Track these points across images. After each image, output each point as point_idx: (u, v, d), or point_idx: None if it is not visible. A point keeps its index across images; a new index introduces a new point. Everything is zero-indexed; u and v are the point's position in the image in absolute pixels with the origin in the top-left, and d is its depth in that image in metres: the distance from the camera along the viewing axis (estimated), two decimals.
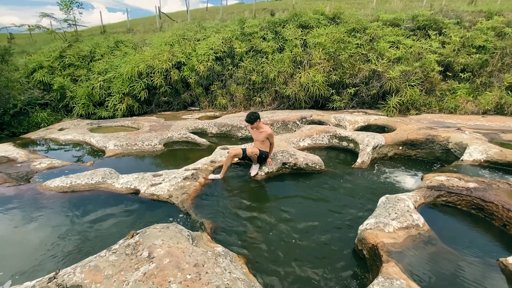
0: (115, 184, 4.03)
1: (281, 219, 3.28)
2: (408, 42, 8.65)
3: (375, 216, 2.80)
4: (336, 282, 2.38)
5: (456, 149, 4.91)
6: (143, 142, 6.13)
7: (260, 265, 2.61)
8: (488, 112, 7.43)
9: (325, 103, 8.71)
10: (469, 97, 7.76)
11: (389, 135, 5.51)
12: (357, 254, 2.66)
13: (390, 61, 8.24)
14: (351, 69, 8.45)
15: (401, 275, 2.05)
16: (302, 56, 8.90)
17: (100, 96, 9.63)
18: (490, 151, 4.31)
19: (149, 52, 10.04)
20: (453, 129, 5.68)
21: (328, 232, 3.05)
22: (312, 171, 4.47)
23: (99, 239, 2.97)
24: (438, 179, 3.56)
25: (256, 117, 4.07)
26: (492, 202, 2.93)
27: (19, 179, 4.48)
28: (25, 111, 9.19)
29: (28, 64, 11.18)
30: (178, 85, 9.79)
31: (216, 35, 10.37)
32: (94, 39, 12.91)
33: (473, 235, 2.81)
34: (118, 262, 2.24)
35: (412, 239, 2.50)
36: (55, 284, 2.08)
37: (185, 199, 3.58)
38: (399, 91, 7.79)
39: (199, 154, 5.60)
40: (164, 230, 2.61)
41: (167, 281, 2.01)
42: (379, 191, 3.83)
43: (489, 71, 8.19)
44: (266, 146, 4.29)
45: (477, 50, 8.48)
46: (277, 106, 9.21)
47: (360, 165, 4.74)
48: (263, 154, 4.29)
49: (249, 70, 9.41)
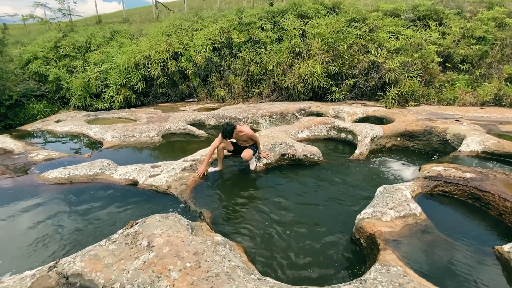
0: (113, 175, 4.03)
1: (279, 209, 3.30)
2: (408, 33, 8.56)
3: (373, 205, 2.82)
4: (333, 270, 2.42)
5: (454, 140, 4.93)
6: (141, 133, 6.10)
7: (259, 253, 2.64)
8: (486, 103, 7.43)
9: (324, 94, 8.67)
10: (468, 88, 7.74)
11: (388, 127, 5.51)
12: (355, 243, 2.69)
13: (390, 52, 8.16)
14: (350, 60, 8.37)
15: (398, 262, 2.09)
16: (301, 47, 8.80)
17: (96, 88, 9.51)
18: (488, 142, 4.33)
19: (146, 43, 9.88)
20: (451, 120, 5.69)
21: (326, 221, 3.08)
22: (310, 162, 4.48)
23: (98, 229, 2.98)
24: (435, 169, 3.59)
25: (232, 129, 3.73)
26: (489, 191, 2.96)
27: (17, 171, 4.46)
28: (21, 103, 9.08)
29: (23, 55, 10.98)
30: (176, 76, 9.68)
31: (213, 25, 10.20)
32: (89, 29, 12.66)
33: (469, 224, 2.85)
34: (118, 251, 2.26)
35: (409, 228, 2.53)
36: (56, 273, 2.09)
37: (184, 190, 3.59)
38: (398, 82, 7.75)
39: (198, 145, 5.59)
40: (164, 220, 2.63)
41: (167, 269, 2.03)
42: (377, 181, 3.86)
43: (488, 62, 8.15)
44: (250, 143, 4.21)
45: (477, 41, 8.41)
46: (276, 98, 9.15)
47: (358, 156, 4.75)
48: (253, 149, 4.20)
49: (247, 61, 9.31)
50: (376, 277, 1.92)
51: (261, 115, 7.12)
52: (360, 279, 1.95)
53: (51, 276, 2.07)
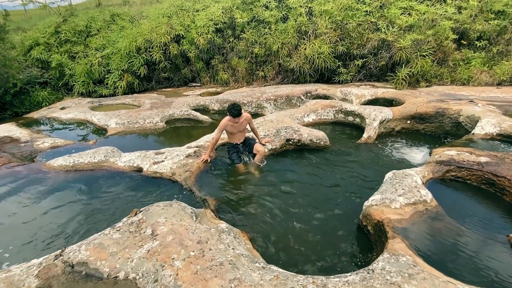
0: (117, 162, 4.01)
1: (285, 195, 3.25)
2: (422, 8, 8.04)
3: (381, 192, 2.73)
4: (340, 257, 2.38)
5: (467, 123, 4.71)
6: (145, 120, 6.04)
7: (264, 240, 2.61)
8: (503, 83, 7.05)
9: (331, 76, 8.36)
10: (484, 67, 7.32)
11: (397, 109, 5.30)
12: (362, 230, 2.64)
13: (401, 29, 7.71)
14: (359, 39, 7.97)
15: (407, 251, 2.02)
16: (307, 26, 8.39)
17: (99, 74, 9.39)
18: (504, 124, 4.11)
19: (147, 26, 9.59)
20: (465, 101, 5.42)
21: (332, 208, 3.01)
22: (316, 147, 4.37)
23: (103, 217, 3.00)
24: (447, 153, 3.44)
25: (239, 106, 3.67)
26: (505, 177, 2.83)
27: (23, 159, 4.49)
28: (26, 90, 9.07)
29: (24, 42, 10.85)
30: (178, 60, 9.46)
31: (215, 4, 9.79)
32: (89, 12, 12.34)
33: (482, 210, 2.74)
34: (122, 239, 2.25)
35: (419, 215, 2.44)
36: (61, 261, 2.11)
37: (188, 177, 3.55)
38: (409, 62, 7.38)
39: (202, 131, 5.51)
40: (167, 208, 2.60)
41: (171, 258, 2.01)
42: (386, 166, 3.74)
43: (507, 38, 7.64)
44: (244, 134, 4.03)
45: (495, 16, 7.85)
46: (281, 81, 8.89)
47: (366, 140, 4.61)
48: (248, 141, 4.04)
49: (251, 42, 8.97)
50: (384, 267, 1.87)
51: (266, 99, 6.94)
52: (368, 269, 1.90)
53: (57, 264, 2.08)
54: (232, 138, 3.98)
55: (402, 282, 1.73)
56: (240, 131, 3.92)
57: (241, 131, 3.95)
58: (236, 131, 3.89)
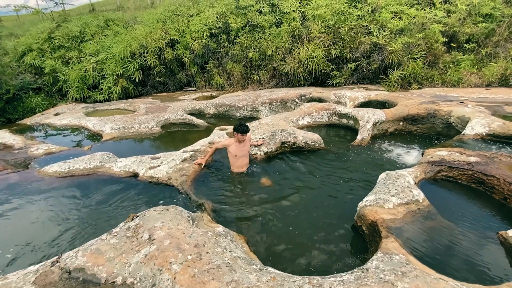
0: (113, 167, 4.01)
1: (280, 198, 3.29)
2: (412, 12, 8.22)
3: (375, 192, 2.79)
4: (335, 258, 2.42)
5: (458, 123, 4.82)
6: (140, 124, 6.03)
7: (260, 243, 2.64)
8: (492, 84, 7.22)
9: (325, 79, 8.47)
10: (473, 69, 7.50)
11: (390, 111, 5.40)
12: (356, 231, 2.68)
13: (393, 33, 7.88)
14: (351, 42, 8.11)
15: (400, 250, 2.07)
16: (301, 30, 8.51)
17: (93, 79, 9.36)
18: (493, 124, 4.22)
19: (141, 31, 9.61)
20: (455, 102, 5.55)
21: (327, 209, 3.06)
22: (311, 149, 4.42)
23: (99, 223, 2.99)
24: (439, 154, 3.52)
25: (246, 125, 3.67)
26: (494, 176, 2.91)
27: (17, 166, 4.45)
28: (19, 97, 8.99)
29: (17, 47, 10.77)
30: (173, 64, 9.49)
31: (210, 9, 9.86)
32: (83, 18, 12.33)
33: (473, 209, 2.81)
34: (119, 245, 2.26)
35: (412, 215, 2.50)
36: (58, 268, 2.10)
37: (185, 181, 3.57)
38: (401, 64, 7.53)
39: (198, 135, 5.53)
40: (164, 212, 2.62)
41: (168, 262, 2.03)
42: (379, 167, 3.81)
43: (495, 41, 7.85)
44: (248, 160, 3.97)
45: (483, 19, 8.07)
46: (276, 84, 8.97)
47: (360, 142, 4.68)
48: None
49: (245, 46, 9.05)
50: (378, 266, 1.91)
51: (261, 103, 7.00)
52: (362, 268, 1.94)
53: (53, 271, 2.08)
54: (235, 162, 3.82)
55: (395, 280, 1.77)
56: (244, 155, 3.81)
57: (245, 155, 3.83)
58: (241, 154, 3.77)
